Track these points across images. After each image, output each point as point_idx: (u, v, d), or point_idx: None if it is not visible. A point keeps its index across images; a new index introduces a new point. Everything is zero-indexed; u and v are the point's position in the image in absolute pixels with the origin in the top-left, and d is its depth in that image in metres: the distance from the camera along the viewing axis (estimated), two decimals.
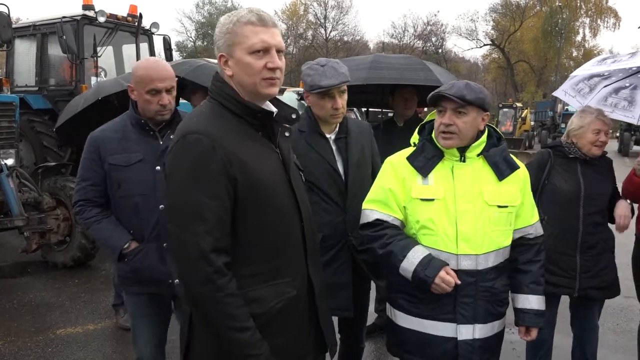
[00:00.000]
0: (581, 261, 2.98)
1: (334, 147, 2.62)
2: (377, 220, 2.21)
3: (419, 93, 3.98)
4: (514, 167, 2.17)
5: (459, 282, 2.04)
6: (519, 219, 2.22)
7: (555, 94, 4.01)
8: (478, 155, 2.15)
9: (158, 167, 2.39)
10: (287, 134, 1.83)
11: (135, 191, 2.43)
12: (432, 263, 2.04)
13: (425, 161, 2.15)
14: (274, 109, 1.77)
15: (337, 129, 2.65)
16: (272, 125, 1.76)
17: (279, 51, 1.66)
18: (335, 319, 2.65)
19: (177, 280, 2.37)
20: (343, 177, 2.58)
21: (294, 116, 1.80)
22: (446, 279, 2.01)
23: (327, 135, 2.61)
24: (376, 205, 2.22)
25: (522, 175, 2.22)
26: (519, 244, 2.25)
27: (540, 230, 2.30)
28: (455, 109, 2.06)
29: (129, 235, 2.49)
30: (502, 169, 2.14)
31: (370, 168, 2.74)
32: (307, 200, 1.89)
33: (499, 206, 2.11)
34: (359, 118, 9.77)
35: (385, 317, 2.46)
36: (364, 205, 2.28)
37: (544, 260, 2.29)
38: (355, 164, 2.61)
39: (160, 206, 2.39)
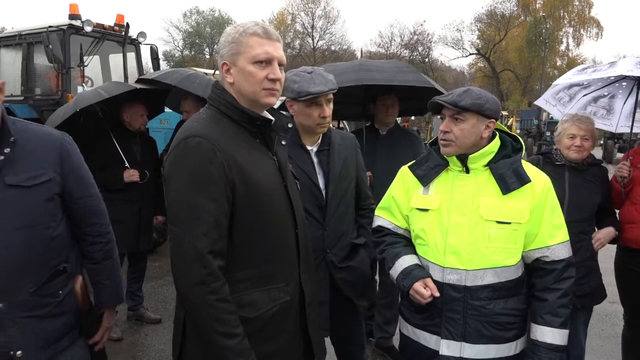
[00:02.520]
0: None
1: (315, 160, 2.52)
2: (379, 226, 2.31)
3: (405, 102, 3.97)
4: (525, 181, 1.99)
5: (437, 294, 1.98)
6: (535, 238, 2.02)
7: (536, 102, 4.07)
8: (485, 166, 2.05)
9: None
10: (283, 142, 1.88)
11: None
12: (411, 274, 2.05)
13: (427, 170, 2.13)
14: (272, 118, 1.81)
15: (319, 140, 2.55)
16: (270, 134, 1.81)
17: (280, 64, 1.72)
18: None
19: (19, 352, 1.76)
20: (323, 192, 2.50)
21: (290, 125, 1.87)
22: (420, 291, 1.99)
23: (309, 148, 2.52)
24: (382, 212, 2.32)
25: (538, 191, 2.01)
26: (537, 268, 2.05)
27: (561, 254, 2.03)
28: (452, 115, 2.02)
29: None
30: (509, 182, 1.99)
31: (353, 181, 2.63)
32: (302, 208, 1.92)
33: (499, 222, 1.97)
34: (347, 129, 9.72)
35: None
36: (375, 211, 2.38)
37: (567, 290, 2.01)
38: (337, 177, 2.51)
39: None
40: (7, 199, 1.74)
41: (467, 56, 48.08)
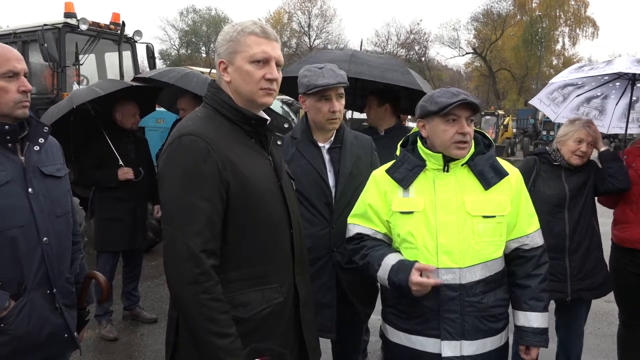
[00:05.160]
0: (571, 264, 3.02)
1: (326, 157, 2.51)
2: (358, 234, 2.23)
3: (399, 100, 3.91)
4: (502, 174, 2.07)
5: (433, 268, 1.95)
6: (514, 228, 2.10)
7: (531, 102, 4.07)
8: (463, 164, 2.07)
9: (31, 190, 1.83)
10: (279, 142, 1.88)
11: (11, 223, 1.77)
12: (402, 267, 2.01)
13: (405, 172, 2.10)
14: (267, 117, 1.80)
15: (332, 138, 2.53)
16: (265, 133, 1.80)
17: (277, 64, 1.72)
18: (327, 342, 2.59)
19: (76, 333, 1.98)
20: (333, 189, 2.47)
21: (286, 125, 1.85)
22: (420, 280, 1.93)
23: (321, 144, 2.51)
24: (358, 219, 2.24)
25: (514, 183, 2.10)
26: (516, 256, 2.13)
27: (538, 241, 2.15)
28: (469, 117, 2.02)
29: (2, 292, 1.78)
30: (489, 177, 2.05)
31: (365, 181, 2.56)
32: (297, 208, 1.91)
33: (485, 216, 2.02)
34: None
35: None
36: (348, 219, 2.30)
37: (545, 274, 2.13)
38: (347, 176, 2.48)
39: (44, 239, 1.84)
40: (48, 188, 1.91)
41: (463, 55, 48.17)
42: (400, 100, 3.78)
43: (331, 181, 2.49)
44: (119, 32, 7.60)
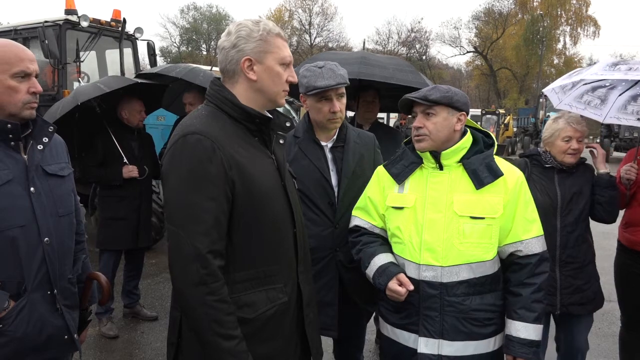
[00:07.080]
0: (561, 276, 2.86)
1: (329, 156, 2.49)
2: (356, 226, 2.29)
3: (388, 99, 3.89)
4: (497, 175, 2.02)
5: (411, 287, 1.99)
6: (509, 233, 2.04)
7: (544, 90, 3.89)
8: (458, 162, 2.07)
9: (33, 189, 1.80)
10: (281, 141, 1.87)
11: (11, 223, 1.74)
12: (386, 271, 2.06)
13: (402, 168, 2.14)
14: (271, 116, 1.80)
15: (335, 136, 2.51)
16: (268, 132, 1.80)
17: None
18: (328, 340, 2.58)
19: (75, 335, 1.96)
20: (336, 189, 2.46)
21: (288, 124, 1.85)
22: (395, 289, 2.01)
23: (323, 143, 2.49)
24: (359, 212, 2.31)
25: (511, 185, 2.04)
26: (511, 262, 2.08)
27: (534, 249, 2.06)
28: (424, 111, 2.06)
29: (2, 292, 1.75)
30: (482, 177, 2.01)
31: (369, 180, 2.56)
32: (300, 207, 1.91)
33: (472, 217, 1.99)
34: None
35: None
36: (352, 211, 2.36)
37: (541, 284, 2.04)
38: (350, 174, 2.46)
39: (45, 239, 1.81)
40: (51, 187, 1.88)
41: (464, 54, 48.17)
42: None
43: (334, 180, 2.48)
44: (120, 29, 7.58)
